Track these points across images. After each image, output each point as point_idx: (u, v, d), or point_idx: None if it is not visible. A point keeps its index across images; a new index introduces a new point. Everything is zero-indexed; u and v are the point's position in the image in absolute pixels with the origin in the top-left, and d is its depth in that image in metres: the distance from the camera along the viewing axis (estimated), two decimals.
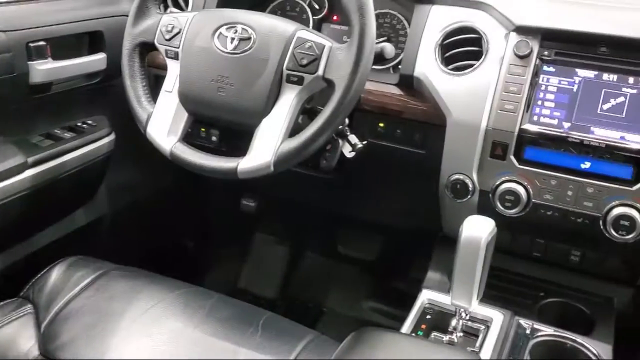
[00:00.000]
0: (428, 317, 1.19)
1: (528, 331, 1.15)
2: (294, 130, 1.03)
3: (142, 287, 1.08)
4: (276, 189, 1.74)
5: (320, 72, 1.00)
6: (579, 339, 1.13)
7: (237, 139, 1.18)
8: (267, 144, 1.01)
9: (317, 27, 1.48)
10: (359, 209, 1.67)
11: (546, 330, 1.15)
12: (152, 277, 1.12)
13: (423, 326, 1.17)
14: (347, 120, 1.17)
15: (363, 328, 0.95)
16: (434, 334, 1.14)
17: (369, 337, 0.93)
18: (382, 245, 1.93)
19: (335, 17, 1.47)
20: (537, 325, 1.17)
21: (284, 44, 1.02)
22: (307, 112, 1.13)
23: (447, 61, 1.23)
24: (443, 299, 1.21)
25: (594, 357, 1.10)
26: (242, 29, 1.05)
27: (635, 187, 1.08)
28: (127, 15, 1.15)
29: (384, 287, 1.93)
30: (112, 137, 1.52)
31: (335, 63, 0.99)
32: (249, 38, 1.04)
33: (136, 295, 1.06)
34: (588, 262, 1.26)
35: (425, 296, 1.23)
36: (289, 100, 1.02)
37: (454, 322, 1.10)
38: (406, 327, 1.17)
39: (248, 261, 2.05)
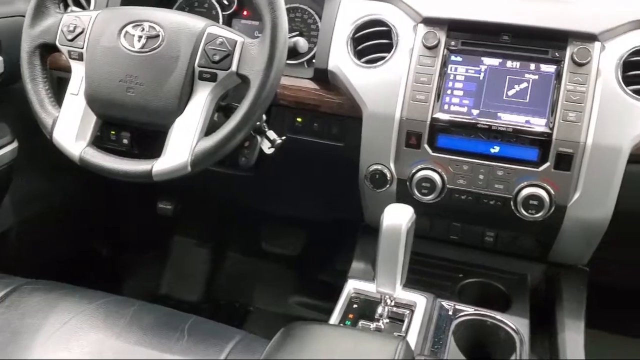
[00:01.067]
0: (355, 306, 1.20)
1: (450, 312, 1.19)
2: (210, 129, 1.01)
3: (58, 300, 1.02)
4: (194, 190, 1.70)
5: (233, 67, 0.98)
6: (498, 315, 1.18)
7: (150, 140, 1.15)
8: (183, 144, 0.99)
9: (228, 23, 1.46)
10: (281, 204, 1.66)
11: (467, 310, 1.19)
12: (68, 288, 1.07)
13: (350, 316, 1.18)
14: (264, 116, 1.16)
15: (292, 323, 0.95)
16: (361, 323, 1.16)
17: (298, 331, 0.93)
18: (306, 239, 1.94)
19: (245, 12, 1.46)
20: (458, 306, 1.21)
21: (194, 41, 1.00)
22: (222, 109, 1.11)
23: (359, 54, 1.25)
24: (368, 288, 1.23)
25: (512, 332, 1.15)
26: (150, 26, 1.02)
27: (541, 168, 1.14)
28: (23, 16, 1.09)
29: (310, 281, 1.93)
30: (14, 145, 1.43)
31: (249, 58, 0.98)
32: (157, 36, 1.01)
33: (51, 309, 1.00)
34: (502, 242, 1.32)
35: (351, 286, 1.24)
36: (202, 98, 1.00)
37: (380, 309, 1.12)
38: (334, 318, 1.17)
39: (168, 266, 1.99)
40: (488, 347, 1.17)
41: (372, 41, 1.25)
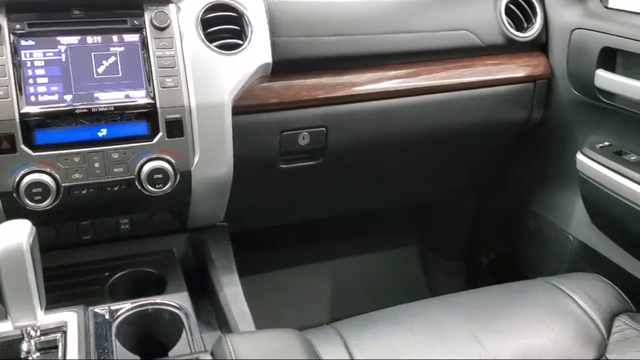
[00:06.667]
0: None
1: (107, 316, 1.09)
2: None
3: None
4: None
5: None
6: (158, 299, 1.13)
7: None
8: None
9: None
10: None
11: (124, 307, 1.12)
12: None
13: None
14: None
15: None
16: None
17: None
18: None
19: None
20: (113, 306, 1.11)
21: None
22: None
23: None
24: (4, 328, 1.03)
25: (175, 310, 1.12)
26: None
27: (155, 140, 1.11)
28: None
29: None
30: None
31: None
32: None
33: None
34: (139, 225, 1.27)
35: None
36: None
37: (25, 347, 0.96)
38: None
39: None
40: (159, 334, 1.12)
41: None
